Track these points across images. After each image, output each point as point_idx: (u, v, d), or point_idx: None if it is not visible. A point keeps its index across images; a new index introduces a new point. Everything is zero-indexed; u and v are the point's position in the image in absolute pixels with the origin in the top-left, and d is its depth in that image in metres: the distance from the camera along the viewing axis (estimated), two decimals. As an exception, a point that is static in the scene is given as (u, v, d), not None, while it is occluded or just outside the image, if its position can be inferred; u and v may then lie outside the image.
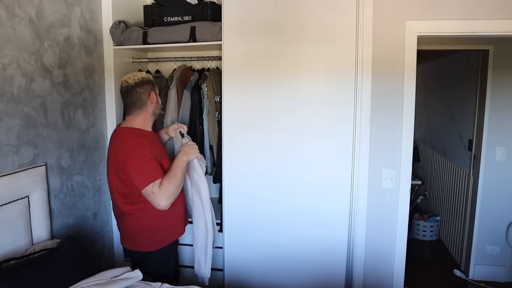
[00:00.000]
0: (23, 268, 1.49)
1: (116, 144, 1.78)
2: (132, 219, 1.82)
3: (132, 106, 1.81)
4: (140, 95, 1.79)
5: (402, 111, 2.13)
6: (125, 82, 1.79)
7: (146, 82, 1.81)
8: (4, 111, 1.69)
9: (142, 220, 1.82)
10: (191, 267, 2.40)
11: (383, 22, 2.10)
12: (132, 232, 1.86)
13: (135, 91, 1.78)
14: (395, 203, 2.20)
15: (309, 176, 2.16)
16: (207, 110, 2.36)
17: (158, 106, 1.89)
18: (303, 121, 2.13)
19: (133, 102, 1.80)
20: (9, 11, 1.70)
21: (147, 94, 1.81)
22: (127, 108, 1.83)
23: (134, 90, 1.78)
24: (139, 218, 1.82)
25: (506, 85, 2.94)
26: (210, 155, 2.41)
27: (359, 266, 2.24)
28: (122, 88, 1.81)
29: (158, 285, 1.68)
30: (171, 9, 2.40)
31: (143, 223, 1.83)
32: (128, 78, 1.80)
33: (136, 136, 1.77)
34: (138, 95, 1.79)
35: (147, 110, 1.83)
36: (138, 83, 1.79)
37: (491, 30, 2.02)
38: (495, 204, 3.05)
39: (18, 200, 1.77)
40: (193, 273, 2.32)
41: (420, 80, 3.20)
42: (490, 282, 3.09)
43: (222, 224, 2.30)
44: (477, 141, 3.11)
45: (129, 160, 1.69)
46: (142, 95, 1.79)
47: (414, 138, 2.22)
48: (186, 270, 2.41)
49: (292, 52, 2.10)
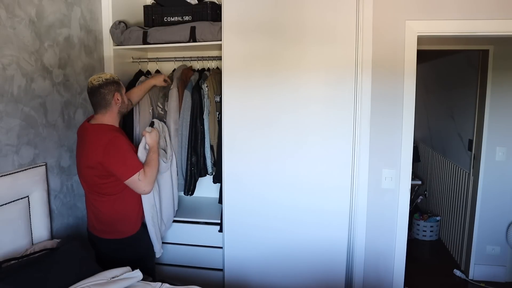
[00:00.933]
0: (23, 268, 1.50)
1: (89, 140, 1.82)
2: (109, 210, 1.89)
3: (97, 106, 1.88)
4: (104, 96, 1.85)
5: (402, 111, 2.13)
6: (90, 83, 1.86)
7: (110, 83, 1.87)
8: (4, 111, 1.69)
9: (120, 208, 1.91)
10: (191, 267, 2.41)
11: (383, 22, 2.10)
12: (112, 222, 1.92)
13: (99, 92, 1.84)
14: (395, 203, 2.20)
15: (309, 176, 2.16)
16: (207, 110, 2.36)
17: (123, 105, 1.95)
18: (303, 121, 2.13)
19: (98, 102, 1.87)
20: (9, 11, 1.70)
21: (111, 95, 1.87)
22: (93, 107, 1.90)
23: (98, 91, 1.84)
24: (117, 207, 1.90)
25: (506, 85, 2.94)
26: (211, 155, 2.41)
27: (359, 266, 2.24)
28: (88, 88, 1.87)
29: (158, 285, 1.68)
30: (171, 9, 2.40)
31: (122, 211, 1.92)
32: (93, 79, 1.86)
33: (110, 130, 1.85)
34: (102, 96, 1.85)
35: (112, 109, 1.89)
36: (102, 84, 1.84)
37: (491, 30, 2.02)
38: (495, 204, 3.05)
39: (18, 200, 1.77)
40: (193, 273, 2.34)
41: (420, 80, 3.20)
42: (490, 282, 3.09)
43: (222, 224, 2.30)
44: (477, 141, 3.11)
45: (108, 154, 1.77)
46: (106, 96, 1.86)
47: (414, 138, 2.22)
48: (186, 270, 2.42)
49: (292, 52, 2.10)
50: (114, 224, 1.92)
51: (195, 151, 2.37)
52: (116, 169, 1.79)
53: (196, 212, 2.54)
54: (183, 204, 2.66)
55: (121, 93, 1.93)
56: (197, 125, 2.37)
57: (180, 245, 2.42)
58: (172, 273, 2.42)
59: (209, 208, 2.59)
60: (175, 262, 2.43)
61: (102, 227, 1.93)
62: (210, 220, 2.40)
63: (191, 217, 2.43)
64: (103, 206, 1.89)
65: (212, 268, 2.39)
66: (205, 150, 2.40)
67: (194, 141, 2.37)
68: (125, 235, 1.95)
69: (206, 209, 2.58)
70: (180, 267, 2.42)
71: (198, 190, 2.49)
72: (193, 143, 2.36)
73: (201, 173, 2.43)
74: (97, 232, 1.95)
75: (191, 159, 2.37)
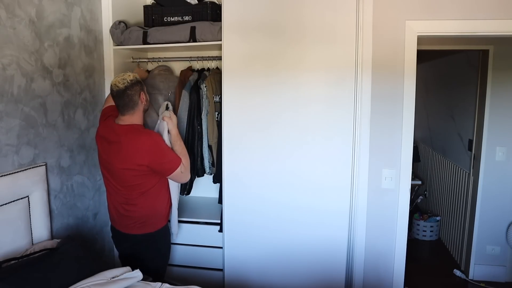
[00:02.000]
0: (23, 268, 1.49)
1: (126, 142, 1.84)
2: (142, 206, 1.94)
3: (125, 108, 1.88)
4: (132, 97, 1.86)
5: (402, 111, 2.13)
6: (116, 86, 1.85)
7: (135, 84, 1.88)
8: (4, 111, 1.69)
9: (152, 203, 1.96)
10: (191, 267, 2.41)
11: (383, 22, 2.10)
12: (144, 217, 1.96)
13: (126, 94, 1.84)
14: (395, 203, 2.20)
15: (309, 176, 2.16)
16: (206, 110, 2.36)
17: (147, 103, 1.99)
18: (303, 121, 2.13)
19: (125, 104, 1.87)
20: (9, 11, 1.70)
21: (137, 95, 1.88)
22: (120, 109, 1.90)
23: (125, 93, 1.84)
24: (150, 202, 1.95)
25: (506, 85, 2.94)
26: (209, 155, 2.41)
27: (359, 266, 2.24)
28: (113, 92, 1.86)
29: (158, 285, 1.68)
30: (171, 9, 2.40)
31: (153, 205, 1.97)
32: (118, 82, 1.85)
33: (145, 131, 1.91)
34: (129, 98, 1.86)
35: (139, 109, 1.92)
36: (128, 86, 1.85)
37: (491, 30, 2.02)
38: (495, 204, 3.05)
39: (18, 200, 1.77)
40: (193, 273, 2.34)
41: (420, 80, 3.20)
42: (490, 282, 3.09)
43: (222, 224, 2.30)
44: (477, 141, 3.11)
45: (155, 155, 1.85)
46: (133, 97, 1.87)
47: (414, 138, 2.22)
48: (186, 270, 2.42)
49: (292, 52, 2.10)
50: (148, 218, 1.97)
51: (191, 151, 2.36)
52: (162, 168, 1.89)
53: (196, 212, 2.54)
54: (183, 204, 2.66)
55: (145, 92, 1.96)
56: (194, 125, 2.36)
57: (180, 245, 2.42)
58: (172, 273, 2.42)
59: (209, 208, 2.59)
60: (175, 262, 2.43)
61: (135, 223, 1.96)
62: (210, 220, 2.40)
63: (191, 217, 2.43)
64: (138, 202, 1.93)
65: (212, 268, 2.39)
66: (203, 150, 2.40)
67: (191, 141, 2.36)
68: (157, 228, 2.01)
69: (206, 209, 2.58)
70: (180, 267, 2.43)
71: (197, 190, 2.49)
72: (190, 143, 2.36)
73: (199, 173, 2.43)
74: (127, 229, 1.98)
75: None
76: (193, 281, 2.10)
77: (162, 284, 1.69)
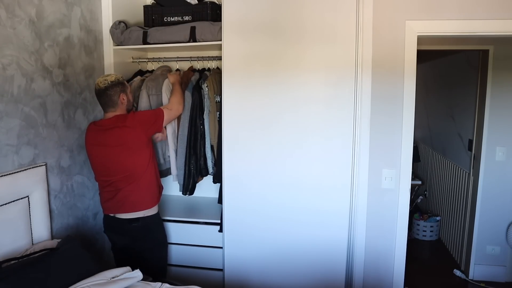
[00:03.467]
0: (23, 268, 1.49)
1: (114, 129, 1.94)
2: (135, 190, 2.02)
3: (105, 106, 2.01)
4: (111, 97, 1.97)
5: (402, 111, 2.13)
6: (97, 86, 1.97)
7: (115, 85, 1.97)
8: (4, 111, 1.69)
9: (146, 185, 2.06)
10: (191, 267, 2.41)
11: (383, 22, 2.10)
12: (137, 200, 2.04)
13: (105, 94, 1.96)
14: (395, 203, 2.20)
15: (309, 176, 2.16)
16: (207, 109, 2.36)
17: (129, 104, 2.08)
18: (303, 121, 2.13)
19: (105, 103, 2.00)
20: (9, 11, 1.70)
21: (117, 96, 1.98)
22: (102, 106, 2.03)
23: (105, 93, 1.96)
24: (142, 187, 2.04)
25: (506, 85, 2.94)
26: (211, 155, 2.41)
27: (359, 266, 2.24)
28: (96, 90, 1.99)
29: (158, 285, 1.68)
30: (171, 9, 2.40)
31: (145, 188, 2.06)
32: (100, 81, 1.97)
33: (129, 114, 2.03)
34: (109, 97, 1.97)
35: (121, 108, 2.02)
36: (108, 86, 1.95)
37: (491, 30, 2.02)
38: (495, 204, 3.05)
39: (18, 200, 1.77)
40: (193, 273, 2.33)
41: (420, 80, 3.20)
42: (490, 282, 3.09)
43: (222, 224, 2.30)
44: (477, 141, 3.11)
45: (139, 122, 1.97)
46: (113, 97, 1.97)
47: (414, 138, 2.22)
48: (186, 270, 2.42)
49: (292, 52, 2.10)
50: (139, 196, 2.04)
51: (194, 151, 2.36)
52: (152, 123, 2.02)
53: (196, 212, 2.54)
54: (183, 204, 2.66)
55: (126, 93, 2.04)
56: (196, 125, 2.36)
57: (180, 245, 2.42)
58: (172, 273, 2.42)
59: (209, 208, 2.59)
60: (175, 262, 2.43)
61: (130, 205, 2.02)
62: (210, 220, 2.40)
63: (191, 217, 2.43)
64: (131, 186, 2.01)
65: (212, 268, 2.39)
66: (205, 150, 2.39)
67: (193, 141, 2.36)
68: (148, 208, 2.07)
69: (206, 209, 2.58)
70: (180, 267, 2.42)
71: (197, 190, 2.49)
72: (192, 143, 2.36)
73: (202, 173, 2.42)
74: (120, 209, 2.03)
75: (190, 159, 2.36)
76: (193, 281, 2.10)
77: (162, 284, 1.69)
